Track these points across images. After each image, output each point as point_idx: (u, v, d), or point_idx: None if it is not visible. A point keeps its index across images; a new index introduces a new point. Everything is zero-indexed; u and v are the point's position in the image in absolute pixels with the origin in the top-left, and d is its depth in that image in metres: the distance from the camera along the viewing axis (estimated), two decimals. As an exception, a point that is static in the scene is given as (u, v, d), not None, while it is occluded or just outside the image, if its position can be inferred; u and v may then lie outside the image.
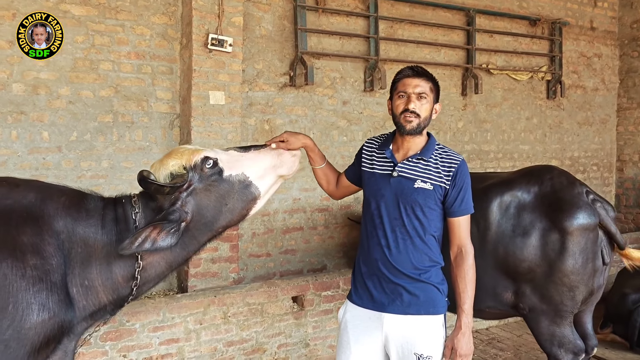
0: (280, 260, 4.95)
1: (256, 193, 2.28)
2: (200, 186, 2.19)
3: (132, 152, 4.22)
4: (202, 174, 2.19)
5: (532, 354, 4.50)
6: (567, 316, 3.05)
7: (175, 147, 2.29)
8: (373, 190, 2.41)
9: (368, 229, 2.42)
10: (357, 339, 2.40)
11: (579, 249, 2.96)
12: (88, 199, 2.19)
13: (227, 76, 4.29)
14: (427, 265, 2.35)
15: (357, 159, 2.59)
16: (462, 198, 2.35)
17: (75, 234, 2.08)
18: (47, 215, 2.08)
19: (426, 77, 2.38)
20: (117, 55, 4.12)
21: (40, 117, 3.89)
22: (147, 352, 3.70)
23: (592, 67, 7.00)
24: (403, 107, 2.33)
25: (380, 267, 2.35)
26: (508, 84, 6.26)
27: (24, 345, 1.94)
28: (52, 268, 2.02)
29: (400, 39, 5.44)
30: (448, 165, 2.37)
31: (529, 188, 3.15)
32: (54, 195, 2.15)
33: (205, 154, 2.21)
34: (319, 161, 2.62)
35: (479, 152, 6.09)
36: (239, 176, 2.25)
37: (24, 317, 1.93)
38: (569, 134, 6.83)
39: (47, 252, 2.02)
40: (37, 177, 3.81)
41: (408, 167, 2.35)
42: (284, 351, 4.18)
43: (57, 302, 2.01)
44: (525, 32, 6.30)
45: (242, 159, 2.29)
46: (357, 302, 2.43)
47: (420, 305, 2.32)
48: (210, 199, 2.21)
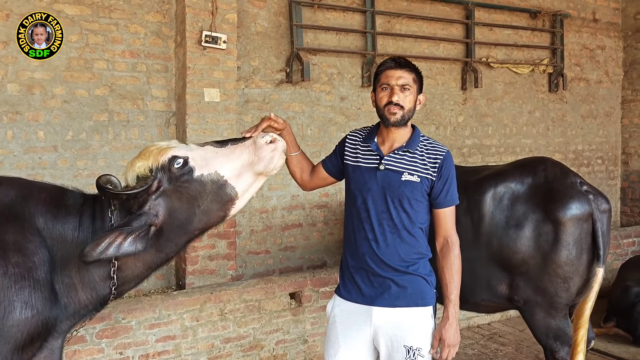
0: (279, 257, 4.94)
1: (232, 193, 2.13)
2: (170, 187, 2.06)
3: (128, 151, 4.23)
4: (171, 175, 2.06)
5: (534, 348, 4.45)
6: (563, 308, 3.01)
7: (146, 147, 2.17)
8: (359, 184, 2.39)
9: (354, 222, 2.40)
10: (345, 333, 2.39)
11: (572, 240, 2.92)
12: (68, 195, 2.17)
13: (221, 73, 4.29)
14: (415, 258, 2.33)
15: (339, 151, 2.55)
16: (448, 189, 2.34)
17: (54, 231, 2.07)
18: (29, 212, 2.08)
19: (409, 68, 2.35)
20: (112, 54, 4.14)
21: (35, 117, 3.91)
22: (144, 349, 3.70)
23: (595, 60, 6.92)
24: (387, 99, 2.32)
25: (368, 261, 2.33)
26: (509, 78, 6.21)
27: (7, 342, 1.94)
28: (35, 265, 2.01)
29: (397, 34, 5.41)
30: (434, 157, 2.36)
31: (522, 179, 3.12)
32: (35, 193, 2.15)
33: (174, 152, 2.08)
34: (294, 148, 2.52)
35: (480, 146, 6.04)
36: (212, 175, 2.10)
37: (6, 315, 1.92)
38: (572, 127, 6.76)
39: (29, 250, 2.02)
40: (34, 176, 3.84)
41: (395, 160, 2.34)
42: (282, 347, 4.17)
43: (41, 299, 2.00)
44: (525, 25, 6.24)
45: (216, 155, 2.13)
46: (346, 296, 2.42)
47: (409, 297, 2.31)
48: (182, 201, 2.08)
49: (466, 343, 4.70)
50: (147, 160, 2.06)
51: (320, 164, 2.62)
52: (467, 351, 4.55)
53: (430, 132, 5.66)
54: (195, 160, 2.10)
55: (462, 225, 3.17)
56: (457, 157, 5.82)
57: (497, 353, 4.52)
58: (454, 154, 5.79)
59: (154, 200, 2.05)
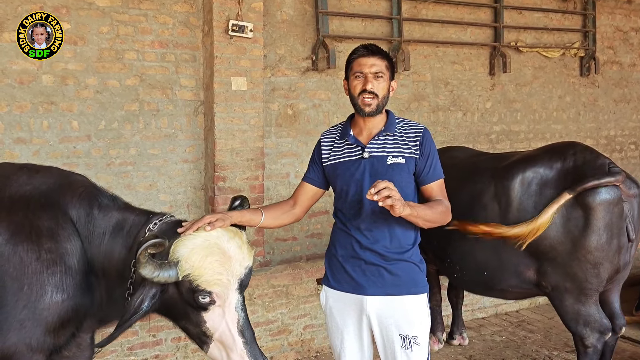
0: (306, 244, 4.99)
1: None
2: (175, 292, 2.02)
3: (159, 140, 4.32)
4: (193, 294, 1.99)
5: (563, 336, 4.41)
6: (592, 294, 2.98)
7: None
8: (345, 178, 2.36)
9: (347, 214, 2.37)
10: (345, 322, 2.41)
11: (603, 225, 2.88)
12: (102, 195, 2.25)
13: (248, 62, 4.33)
14: (408, 244, 2.33)
15: (317, 158, 2.49)
16: (431, 164, 2.34)
17: (85, 227, 2.15)
18: (64, 203, 2.17)
19: (381, 55, 2.35)
20: (141, 44, 4.21)
21: (69, 107, 4.02)
22: (176, 332, 3.79)
23: (629, 42, 6.72)
24: (361, 87, 2.30)
25: (360, 250, 2.32)
26: (538, 62, 6.08)
27: (39, 324, 2.02)
28: (67, 252, 2.09)
29: (424, 19, 5.36)
30: (413, 136, 2.36)
31: (551, 164, 3.08)
32: (73, 185, 2.24)
33: (214, 289, 1.98)
34: (257, 217, 2.34)
35: (509, 132, 5.96)
36: (209, 330, 2.04)
37: (38, 298, 2.01)
38: (604, 112, 6.60)
39: (62, 236, 2.09)
40: (69, 165, 3.95)
41: (377, 146, 2.33)
42: (310, 332, 4.24)
43: (72, 285, 2.08)
44: (556, 8, 6.09)
45: (230, 333, 2.02)
46: (336, 286, 2.41)
47: (402, 285, 2.30)
48: (176, 308, 2.07)
49: (494, 330, 4.69)
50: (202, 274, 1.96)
51: (303, 182, 2.53)
52: (495, 338, 4.54)
53: (458, 119, 5.61)
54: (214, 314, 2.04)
55: (489, 211, 3.18)
56: (484, 144, 5.75)
57: (526, 340, 4.49)
58: (482, 141, 5.74)
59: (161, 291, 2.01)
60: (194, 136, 4.45)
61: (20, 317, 1.99)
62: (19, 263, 2.00)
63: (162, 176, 4.36)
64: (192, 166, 4.46)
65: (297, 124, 4.83)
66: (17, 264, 2.00)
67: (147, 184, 4.30)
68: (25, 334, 2.01)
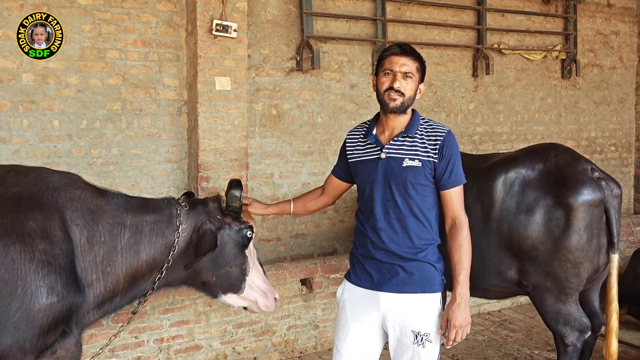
0: (290, 245, 4.98)
1: (242, 285, 2.71)
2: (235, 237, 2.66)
3: (141, 139, 4.28)
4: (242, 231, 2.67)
5: (544, 334, 4.47)
6: (573, 293, 3.02)
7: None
8: (364, 177, 2.42)
9: (364, 213, 2.43)
10: (354, 317, 2.43)
11: (583, 225, 2.93)
12: (106, 192, 2.38)
13: (232, 62, 4.31)
14: (423, 244, 2.35)
15: (342, 153, 2.59)
16: (452, 169, 2.34)
17: (92, 228, 2.21)
18: (60, 203, 2.16)
19: (413, 57, 2.37)
20: (124, 43, 4.17)
21: (50, 106, 3.96)
22: (158, 333, 3.79)
23: (609, 45, 6.83)
24: (388, 84, 2.33)
25: (376, 250, 2.36)
26: (521, 64, 6.15)
27: (34, 327, 2.00)
28: (61, 253, 2.08)
29: (408, 21, 5.39)
30: (434, 139, 2.37)
31: (533, 165, 3.12)
32: (67, 184, 2.23)
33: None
34: (287, 207, 2.80)
35: (492, 133, 6.02)
36: (248, 264, 2.71)
37: (32, 299, 1.99)
38: (585, 114, 6.70)
39: (56, 238, 2.08)
40: (50, 164, 3.89)
41: (395, 147, 2.36)
42: (294, 333, 4.23)
43: (66, 286, 2.07)
44: (538, 11, 6.17)
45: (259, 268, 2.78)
46: (355, 281, 2.46)
47: (416, 283, 2.33)
48: (229, 252, 2.66)
49: (476, 330, 4.73)
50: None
51: (331, 174, 2.69)
52: (477, 337, 4.58)
53: (441, 120, 5.65)
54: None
55: (472, 211, 3.19)
56: (468, 145, 5.80)
57: (507, 339, 4.54)
58: (465, 142, 5.79)
59: (223, 232, 2.61)
60: (177, 136, 4.42)
61: (14, 319, 1.97)
62: (12, 265, 1.98)
63: (145, 176, 4.32)
64: (175, 166, 4.43)
65: (281, 124, 4.83)
66: (10, 266, 1.98)
67: (130, 184, 4.25)
68: (19, 337, 1.98)
